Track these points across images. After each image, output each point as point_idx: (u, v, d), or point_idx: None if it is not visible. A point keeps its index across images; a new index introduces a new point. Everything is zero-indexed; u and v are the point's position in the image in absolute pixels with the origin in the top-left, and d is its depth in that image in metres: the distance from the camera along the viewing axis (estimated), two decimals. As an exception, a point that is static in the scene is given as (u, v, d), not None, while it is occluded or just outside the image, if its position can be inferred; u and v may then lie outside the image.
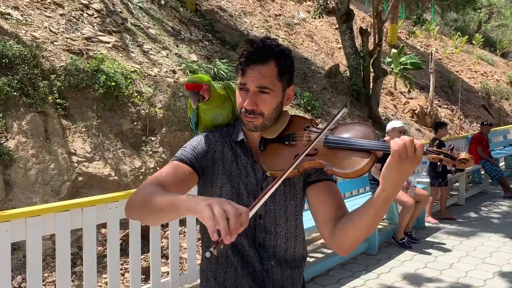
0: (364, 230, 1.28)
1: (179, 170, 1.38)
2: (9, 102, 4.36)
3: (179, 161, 1.41)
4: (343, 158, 1.29)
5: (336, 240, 1.34)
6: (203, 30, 8.86)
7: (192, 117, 1.60)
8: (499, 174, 7.80)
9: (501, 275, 4.40)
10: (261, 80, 1.36)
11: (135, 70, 5.77)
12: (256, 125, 1.41)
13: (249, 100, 1.37)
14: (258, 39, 1.41)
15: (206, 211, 1.00)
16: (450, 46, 19.12)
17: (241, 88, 1.40)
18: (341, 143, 1.31)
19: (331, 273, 4.42)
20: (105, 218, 3.10)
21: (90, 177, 4.49)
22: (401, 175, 1.17)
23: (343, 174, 1.28)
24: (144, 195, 1.24)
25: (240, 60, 1.38)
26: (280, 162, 1.37)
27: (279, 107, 1.43)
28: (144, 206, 1.22)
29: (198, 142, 1.46)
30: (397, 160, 1.15)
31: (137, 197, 1.28)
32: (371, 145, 1.27)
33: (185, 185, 1.39)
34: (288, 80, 1.44)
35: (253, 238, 1.43)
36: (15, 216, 2.65)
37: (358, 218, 1.27)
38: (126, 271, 3.88)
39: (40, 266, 2.76)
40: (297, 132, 1.43)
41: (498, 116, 14.99)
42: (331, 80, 9.77)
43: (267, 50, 1.38)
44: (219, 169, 1.44)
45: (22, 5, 5.76)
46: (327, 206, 1.39)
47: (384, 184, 1.19)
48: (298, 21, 12.74)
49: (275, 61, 1.39)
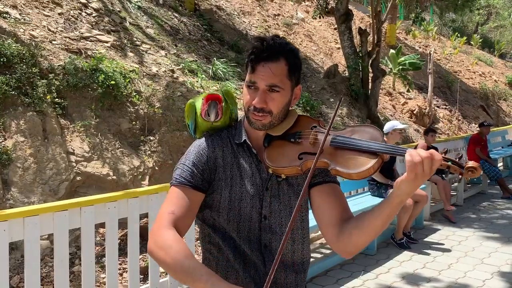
0: (374, 234, 1.29)
1: (185, 198, 1.36)
2: (7, 101, 4.34)
3: (181, 185, 1.37)
4: (349, 159, 1.27)
5: (342, 243, 1.34)
6: (202, 29, 8.86)
7: (190, 124, 1.56)
8: (498, 174, 7.81)
9: (499, 275, 4.40)
10: (271, 78, 1.35)
11: (134, 69, 5.75)
12: (264, 124, 1.39)
13: (258, 98, 1.35)
14: (268, 37, 1.38)
15: None
16: (449, 46, 19.14)
17: (250, 86, 1.38)
18: (349, 143, 1.30)
19: (330, 273, 4.42)
20: (104, 217, 3.09)
21: (89, 177, 4.48)
22: (416, 186, 1.19)
23: (347, 174, 1.26)
24: (177, 261, 1.23)
25: (250, 57, 1.36)
26: (284, 159, 1.35)
27: (287, 106, 1.42)
28: (176, 272, 1.24)
29: (196, 155, 1.42)
30: (414, 177, 1.16)
31: (165, 255, 1.26)
32: (379, 147, 1.25)
33: (195, 209, 1.40)
34: (296, 79, 1.42)
35: (259, 240, 1.40)
36: (13, 216, 2.64)
37: (368, 222, 1.27)
38: (124, 271, 3.87)
39: (38, 266, 2.75)
40: (304, 130, 1.41)
41: (496, 117, 15.01)
42: (329, 80, 9.77)
43: (278, 48, 1.36)
44: (220, 175, 1.41)
45: (21, 4, 5.74)
46: (332, 209, 1.38)
47: (400, 192, 1.21)
48: (297, 21, 12.74)
49: (285, 60, 1.37)
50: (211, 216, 1.42)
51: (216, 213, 1.41)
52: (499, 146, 10.22)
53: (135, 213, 3.28)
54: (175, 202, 1.36)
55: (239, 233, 1.39)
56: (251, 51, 1.37)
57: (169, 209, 1.34)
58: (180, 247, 1.25)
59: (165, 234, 1.28)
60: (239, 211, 1.39)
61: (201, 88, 6.50)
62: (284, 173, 1.36)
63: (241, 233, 1.39)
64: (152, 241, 1.31)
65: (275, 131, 1.42)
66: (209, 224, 1.44)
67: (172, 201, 1.36)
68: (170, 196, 1.38)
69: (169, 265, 1.24)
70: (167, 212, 1.34)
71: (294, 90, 1.43)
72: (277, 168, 1.35)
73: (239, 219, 1.39)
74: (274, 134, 1.42)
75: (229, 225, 1.40)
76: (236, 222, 1.39)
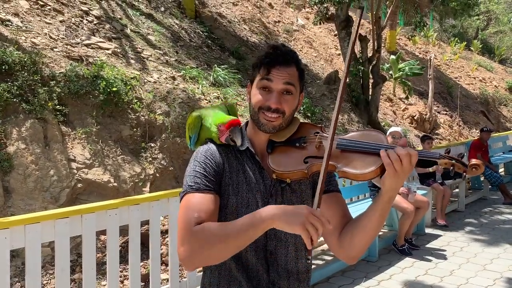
0: (372, 233, 1.32)
1: (208, 202, 1.34)
2: (8, 109, 4.35)
3: (200, 191, 1.34)
4: (356, 160, 1.29)
5: (344, 248, 1.36)
6: (203, 36, 8.89)
7: (193, 137, 1.56)
8: (499, 180, 7.80)
9: (502, 281, 4.39)
10: (288, 78, 1.40)
11: (135, 76, 5.77)
12: (275, 126, 1.41)
13: (275, 99, 1.39)
14: (279, 44, 1.45)
15: (304, 232, 1.17)
16: (449, 52, 19.18)
17: (263, 88, 1.41)
18: (355, 145, 1.32)
19: (332, 280, 4.40)
20: (105, 225, 3.09)
21: (90, 184, 4.48)
22: (400, 181, 1.24)
23: (354, 175, 1.28)
24: (212, 232, 1.24)
25: (265, 60, 1.40)
26: (289, 163, 1.36)
27: (295, 110, 1.46)
28: (220, 240, 1.23)
29: (205, 162, 1.40)
30: (394, 173, 1.22)
31: (203, 240, 1.24)
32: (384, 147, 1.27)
33: (216, 213, 1.37)
34: (302, 86, 1.48)
35: (264, 247, 1.41)
36: (14, 223, 2.64)
37: (365, 222, 1.31)
38: (125, 278, 3.86)
39: (39, 273, 2.75)
40: (308, 136, 1.42)
41: (497, 122, 15.01)
42: (330, 87, 9.79)
43: (290, 54, 1.42)
44: (226, 180, 1.42)
45: (22, 11, 5.77)
46: (335, 218, 1.40)
47: (387, 189, 1.26)
48: (297, 28, 12.78)
49: (295, 66, 1.43)
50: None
51: (223, 219, 1.40)
52: (500, 152, 10.21)
53: (136, 220, 3.28)
54: (198, 208, 1.30)
55: None
56: (265, 55, 1.41)
57: (194, 215, 1.29)
58: (214, 223, 1.29)
59: (202, 226, 1.27)
60: None
61: (202, 94, 6.51)
62: (290, 178, 1.37)
63: None
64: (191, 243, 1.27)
65: (279, 137, 1.43)
66: None
67: (195, 208, 1.30)
68: (189, 204, 1.32)
69: (217, 234, 1.24)
70: (194, 218, 1.28)
71: (300, 96, 1.48)
72: (282, 173, 1.35)
73: None
74: (278, 140, 1.43)
75: None
76: None
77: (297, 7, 14.13)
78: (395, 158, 1.21)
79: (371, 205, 1.31)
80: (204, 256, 1.25)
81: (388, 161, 1.21)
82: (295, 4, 14.19)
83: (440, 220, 6.23)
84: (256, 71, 1.43)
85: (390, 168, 1.21)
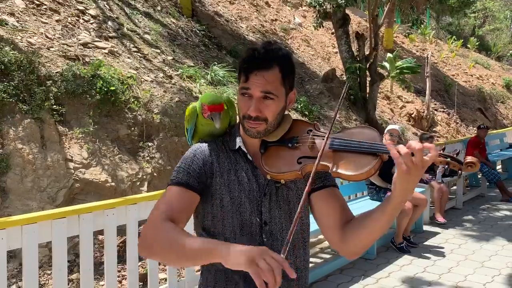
0: (379, 233, 1.30)
1: (181, 197, 1.36)
2: (5, 109, 4.33)
3: (177, 185, 1.38)
4: (349, 161, 1.27)
5: (348, 245, 1.35)
6: (200, 35, 8.87)
7: (189, 129, 1.57)
8: (497, 177, 7.81)
9: (500, 278, 4.39)
10: (266, 86, 1.35)
11: (132, 75, 5.75)
12: (259, 131, 1.39)
13: (253, 107, 1.36)
14: (260, 45, 1.39)
15: (251, 268, 1.06)
16: (446, 50, 19.20)
17: (244, 94, 1.38)
18: (348, 146, 1.29)
19: (330, 278, 4.40)
20: (102, 225, 3.08)
21: (87, 184, 4.46)
22: (412, 181, 1.17)
23: (347, 176, 1.26)
24: (169, 238, 1.24)
25: (243, 66, 1.37)
26: (283, 164, 1.35)
27: (282, 112, 1.42)
28: (171, 250, 1.23)
29: (192, 159, 1.42)
30: (406, 171, 1.13)
31: (157, 237, 1.26)
32: (377, 147, 1.25)
33: (191, 209, 1.39)
34: (291, 84, 1.43)
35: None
36: (11, 224, 2.63)
37: (373, 222, 1.29)
38: (123, 278, 3.85)
39: (36, 274, 2.74)
40: (301, 135, 1.40)
41: (494, 119, 15.04)
42: (327, 85, 9.79)
43: (271, 56, 1.37)
44: (217, 180, 1.41)
45: (18, 11, 5.74)
46: (334, 212, 1.39)
47: (397, 191, 1.19)
48: (294, 26, 12.77)
49: (279, 67, 1.37)
50: (212, 223, 1.41)
51: (217, 219, 1.40)
52: (498, 149, 10.23)
53: (134, 220, 3.27)
54: (168, 200, 1.36)
55: (241, 241, 1.38)
56: (243, 60, 1.38)
57: (163, 207, 1.34)
58: (179, 230, 1.27)
59: (164, 225, 1.28)
60: (240, 216, 1.39)
61: (200, 93, 6.50)
62: (284, 179, 1.36)
63: (243, 240, 1.38)
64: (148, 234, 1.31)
65: (271, 137, 1.41)
66: (209, 233, 1.43)
67: (167, 200, 1.36)
68: (168, 195, 1.38)
69: (170, 243, 1.24)
70: (164, 207, 1.34)
71: (289, 95, 1.44)
72: (276, 174, 1.34)
73: (241, 225, 1.39)
74: (270, 140, 1.41)
75: (230, 232, 1.39)
76: (239, 228, 1.39)
77: (294, 5, 14.12)
78: (406, 152, 1.12)
79: (380, 206, 1.27)
80: (152, 250, 1.29)
81: (398, 158, 1.13)
82: (292, 3, 14.18)
83: (439, 218, 6.24)
84: (239, 75, 1.41)
85: (401, 166, 1.12)
